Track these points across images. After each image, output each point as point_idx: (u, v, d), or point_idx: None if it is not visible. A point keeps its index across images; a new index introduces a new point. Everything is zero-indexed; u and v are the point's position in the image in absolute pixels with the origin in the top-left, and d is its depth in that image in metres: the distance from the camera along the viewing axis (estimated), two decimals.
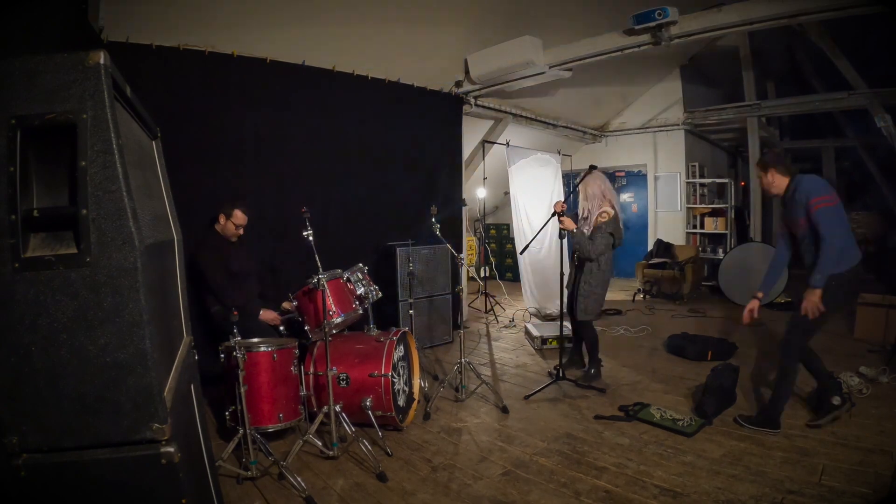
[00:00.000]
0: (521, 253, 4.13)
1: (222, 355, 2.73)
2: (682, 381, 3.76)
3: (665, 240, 7.86)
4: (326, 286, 2.81)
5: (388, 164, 4.96)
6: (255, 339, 3.02)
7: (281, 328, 3.32)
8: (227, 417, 2.74)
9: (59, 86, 1.03)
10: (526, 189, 6.39)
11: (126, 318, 1.06)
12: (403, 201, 5.17)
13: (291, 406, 2.88)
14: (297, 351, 2.97)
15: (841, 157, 9.51)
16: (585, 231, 3.56)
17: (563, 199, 3.59)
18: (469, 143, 6.16)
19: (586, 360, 3.89)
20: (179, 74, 3.53)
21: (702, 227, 8.17)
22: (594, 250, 3.48)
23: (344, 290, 3.07)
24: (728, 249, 7.43)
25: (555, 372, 3.69)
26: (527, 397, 3.49)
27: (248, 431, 2.52)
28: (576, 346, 4.10)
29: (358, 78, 4.59)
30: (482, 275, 6.66)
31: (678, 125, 8.15)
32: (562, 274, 3.68)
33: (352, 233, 4.57)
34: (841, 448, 2.61)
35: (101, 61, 1.05)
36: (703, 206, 8.26)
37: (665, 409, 3.16)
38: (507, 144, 6.18)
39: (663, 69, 7.97)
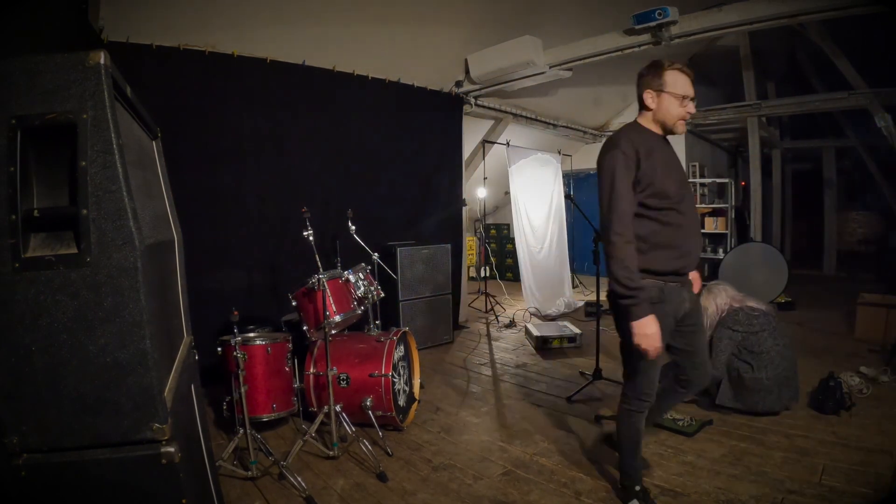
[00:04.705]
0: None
1: (220, 349, 2.76)
2: None
3: None
4: (326, 286, 2.81)
5: (388, 164, 4.96)
6: (251, 334, 3.09)
7: None
8: (224, 408, 2.79)
9: (60, 86, 1.03)
10: (526, 189, 6.40)
11: (126, 318, 1.06)
12: (404, 201, 5.18)
13: (285, 397, 2.98)
14: (290, 345, 3.05)
15: (841, 157, 9.51)
16: None
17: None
18: (469, 143, 6.16)
19: None
20: (179, 74, 3.52)
21: (702, 227, 8.17)
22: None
23: (343, 291, 3.06)
24: (728, 249, 7.43)
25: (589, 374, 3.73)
26: (570, 399, 3.46)
27: (248, 431, 2.52)
28: None
29: (358, 78, 4.59)
30: (482, 275, 6.65)
31: None
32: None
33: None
34: (841, 448, 2.61)
35: (102, 61, 1.05)
36: (703, 206, 8.25)
37: None
38: (508, 144, 6.18)
39: None
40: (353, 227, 3.67)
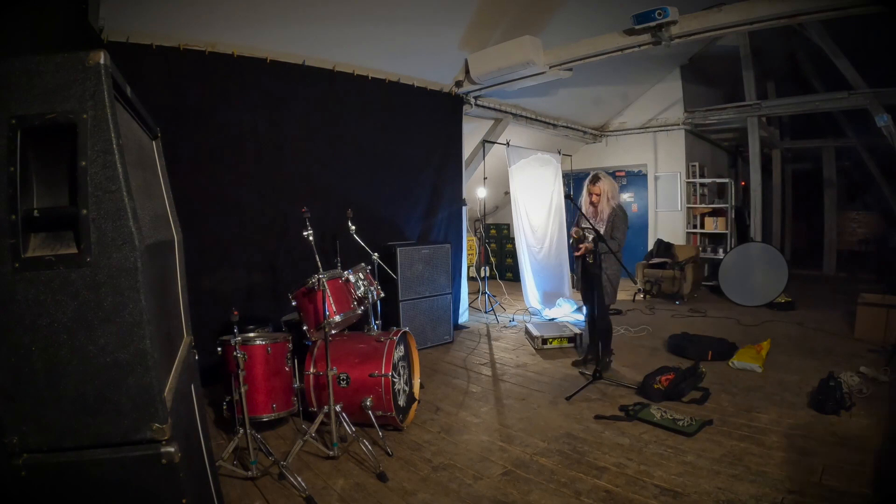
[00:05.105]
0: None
1: (220, 349, 2.76)
2: None
3: (665, 240, 7.86)
4: (326, 286, 2.81)
5: (388, 164, 4.96)
6: (251, 333, 3.09)
7: None
8: (224, 408, 2.79)
9: (60, 86, 1.03)
10: (526, 189, 6.40)
11: (126, 318, 1.06)
12: (404, 201, 5.18)
13: (285, 397, 2.99)
14: (290, 345, 3.06)
15: (841, 157, 9.51)
16: (601, 229, 3.87)
17: (575, 226, 3.99)
18: (469, 143, 6.16)
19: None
20: (179, 74, 3.53)
21: (702, 226, 8.17)
22: (620, 244, 3.89)
23: (343, 290, 3.07)
24: (728, 249, 7.43)
25: (589, 373, 3.79)
26: (569, 399, 3.46)
27: (248, 431, 2.52)
28: (592, 341, 4.20)
29: (358, 78, 4.59)
30: (482, 275, 6.66)
31: (678, 125, 8.15)
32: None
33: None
34: (841, 448, 2.61)
35: (102, 61, 1.05)
36: (703, 205, 8.26)
37: (665, 408, 3.16)
38: (508, 144, 6.18)
39: (663, 69, 7.97)
40: (353, 227, 3.68)
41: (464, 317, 5.93)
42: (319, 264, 2.80)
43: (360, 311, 3.13)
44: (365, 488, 2.41)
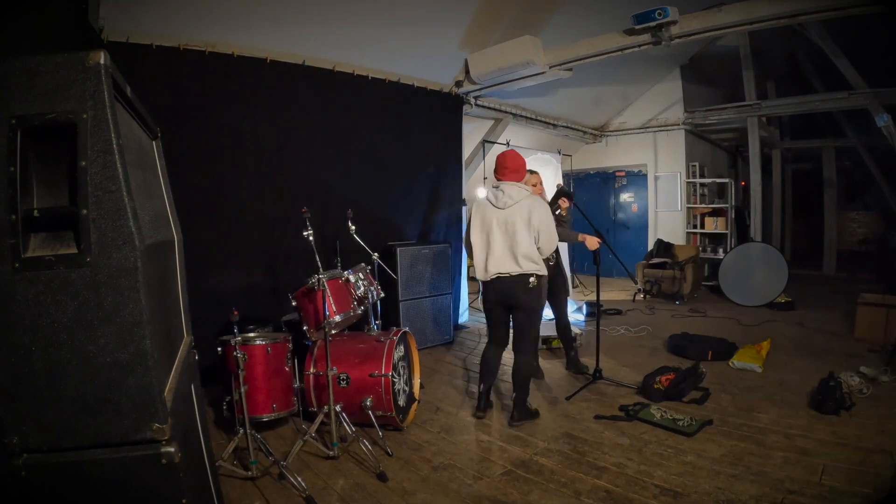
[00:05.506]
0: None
1: (220, 349, 2.76)
2: None
3: (665, 240, 7.86)
4: (326, 286, 2.81)
5: (388, 164, 4.96)
6: (251, 333, 3.09)
7: None
8: (224, 408, 2.80)
9: (60, 86, 1.03)
10: None
11: (126, 318, 1.06)
12: (404, 201, 5.18)
13: (285, 397, 2.99)
14: (290, 345, 3.06)
15: (841, 156, 9.51)
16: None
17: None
18: (469, 143, 6.16)
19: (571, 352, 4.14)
20: (179, 74, 3.53)
21: (702, 226, 8.17)
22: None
23: (343, 291, 3.07)
24: (728, 249, 7.43)
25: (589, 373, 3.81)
26: (569, 399, 3.47)
27: (248, 431, 2.52)
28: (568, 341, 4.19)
29: (358, 78, 4.59)
30: None
31: (678, 125, 8.15)
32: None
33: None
34: (841, 448, 2.61)
35: (102, 61, 1.05)
36: (703, 205, 8.26)
37: (665, 408, 3.16)
38: (508, 144, 6.18)
39: (663, 69, 7.97)
40: (353, 227, 3.68)
41: (464, 317, 5.92)
42: (319, 264, 2.80)
43: (360, 311, 3.13)
44: (365, 488, 2.41)
